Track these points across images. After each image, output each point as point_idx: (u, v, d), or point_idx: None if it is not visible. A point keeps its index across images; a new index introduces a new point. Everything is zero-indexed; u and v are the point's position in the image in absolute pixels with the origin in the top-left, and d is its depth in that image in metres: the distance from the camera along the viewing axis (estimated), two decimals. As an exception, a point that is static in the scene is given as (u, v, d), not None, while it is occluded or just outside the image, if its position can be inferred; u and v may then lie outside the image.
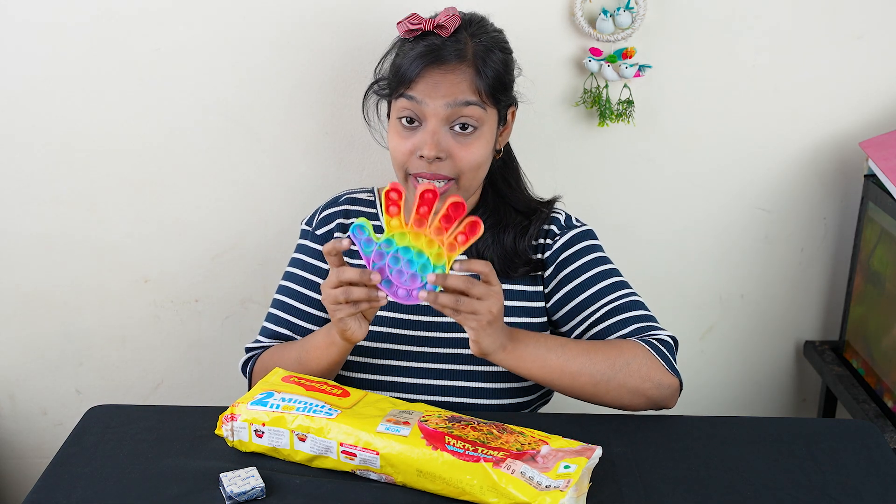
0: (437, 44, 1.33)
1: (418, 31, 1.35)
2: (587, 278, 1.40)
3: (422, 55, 1.32)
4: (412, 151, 1.34)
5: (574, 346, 1.31)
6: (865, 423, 1.32)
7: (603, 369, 1.29)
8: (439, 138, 1.33)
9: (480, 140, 1.35)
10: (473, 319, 1.20)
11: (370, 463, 1.16)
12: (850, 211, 1.85)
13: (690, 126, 1.78)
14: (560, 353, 1.29)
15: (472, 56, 1.34)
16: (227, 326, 1.89)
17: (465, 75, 1.33)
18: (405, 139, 1.35)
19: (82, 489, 1.17)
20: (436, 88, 1.32)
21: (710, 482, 1.18)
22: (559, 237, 1.43)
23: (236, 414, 1.21)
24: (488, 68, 1.34)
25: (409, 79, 1.32)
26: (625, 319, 1.37)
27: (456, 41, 1.33)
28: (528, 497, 1.08)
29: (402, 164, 1.36)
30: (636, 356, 1.31)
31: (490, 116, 1.36)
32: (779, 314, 1.94)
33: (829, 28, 1.72)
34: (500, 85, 1.36)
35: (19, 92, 1.70)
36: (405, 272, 1.20)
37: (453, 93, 1.32)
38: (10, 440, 1.97)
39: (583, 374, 1.29)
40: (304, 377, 1.28)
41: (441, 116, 1.32)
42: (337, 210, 1.49)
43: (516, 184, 1.49)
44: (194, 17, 1.66)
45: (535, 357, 1.28)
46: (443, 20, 1.34)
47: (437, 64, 1.32)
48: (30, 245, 1.80)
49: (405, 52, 1.35)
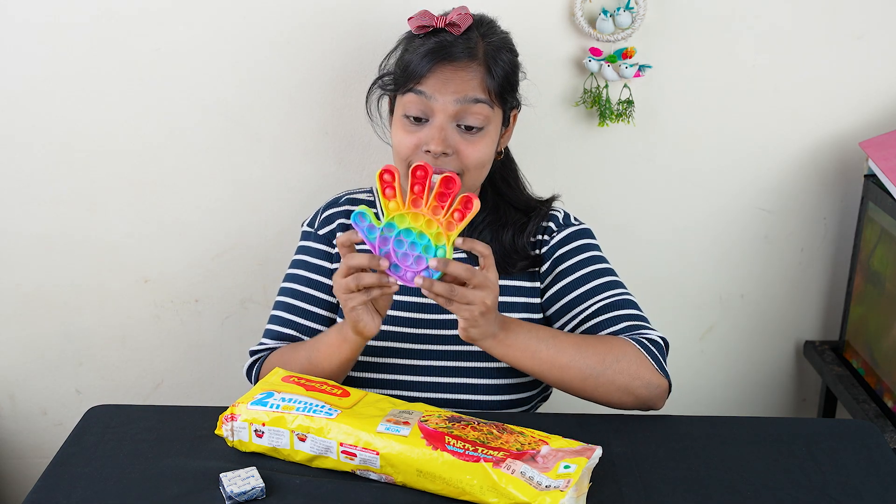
0: (449, 40, 1.33)
1: (430, 28, 1.35)
2: (581, 275, 1.41)
3: (433, 51, 1.32)
4: (417, 146, 1.34)
5: (565, 338, 1.31)
6: (865, 423, 1.32)
7: (593, 364, 1.29)
8: (446, 134, 1.33)
9: (486, 138, 1.36)
10: (466, 310, 1.20)
11: (370, 463, 1.16)
12: (850, 211, 1.85)
13: (690, 126, 1.78)
14: (551, 345, 1.29)
15: (483, 55, 1.34)
16: (227, 326, 1.89)
17: (476, 73, 1.33)
18: (411, 133, 1.35)
19: (82, 489, 1.17)
20: (446, 84, 1.32)
21: (710, 482, 1.18)
22: (556, 234, 1.44)
23: (236, 414, 1.21)
24: (498, 67, 1.35)
25: (419, 74, 1.33)
26: (615, 317, 1.37)
27: (467, 39, 1.34)
28: (528, 497, 1.08)
29: (405, 157, 1.36)
30: (626, 354, 1.31)
31: (496, 116, 1.37)
32: (779, 314, 1.94)
33: (829, 28, 1.72)
34: (508, 85, 1.37)
35: (19, 92, 1.70)
36: (410, 255, 1.21)
37: (463, 89, 1.32)
38: (10, 440, 1.97)
39: (572, 368, 1.29)
40: (304, 377, 1.28)
41: (449, 112, 1.33)
42: (338, 210, 1.50)
43: (515, 183, 1.50)
44: (194, 18, 1.66)
45: (525, 347, 1.28)
46: (455, 18, 1.34)
47: (449, 60, 1.32)
48: (30, 245, 1.80)
49: (415, 47, 1.35)
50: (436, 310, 1.41)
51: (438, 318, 1.41)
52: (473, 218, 1.38)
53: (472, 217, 1.18)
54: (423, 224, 1.20)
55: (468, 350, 1.40)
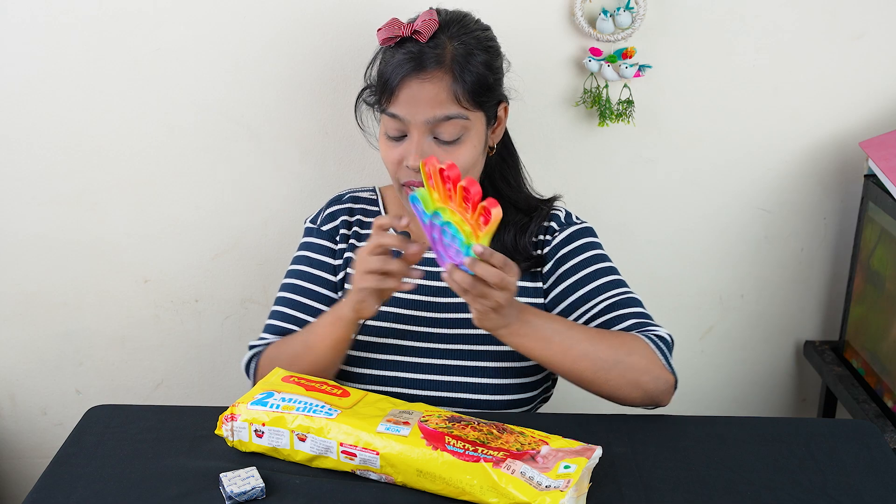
0: (415, 51, 1.32)
1: (397, 38, 1.34)
2: (585, 275, 1.41)
3: (400, 64, 1.32)
4: (400, 161, 1.36)
5: (580, 329, 1.32)
6: (865, 423, 1.32)
7: (605, 356, 1.29)
8: (423, 148, 1.33)
9: (466, 145, 1.35)
10: (479, 303, 1.20)
11: (370, 463, 1.16)
12: (850, 211, 1.85)
13: (690, 126, 1.78)
14: (564, 336, 1.29)
15: (451, 61, 1.32)
16: (227, 326, 1.89)
17: (444, 82, 1.32)
18: (392, 148, 1.36)
19: (82, 489, 1.17)
20: (415, 103, 1.32)
21: (710, 482, 1.18)
22: (559, 233, 1.44)
23: (236, 414, 1.21)
24: (467, 73, 1.33)
25: (390, 90, 1.33)
26: (622, 315, 1.37)
27: (434, 46, 1.33)
28: (528, 497, 1.08)
29: (393, 173, 1.38)
30: (637, 348, 1.31)
31: (475, 120, 1.36)
32: (779, 314, 1.94)
33: (829, 28, 1.72)
34: (481, 88, 1.35)
35: (19, 92, 1.70)
36: (453, 246, 1.20)
37: (432, 108, 1.32)
38: (10, 440, 1.97)
39: (585, 359, 1.29)
40: (304, 377, 1.28)
41: (422, 131, 1.33)
42: (341, 208, 1.50)
43: (516, 182, 1.49)
44: (194, 18, 1.66)
45: (539, 336, 1.28)
46: (418, 26, 1.33)
47: (416, 72, 1.31)
48: (30, 245, 1.80)
49: (387, 59, 1.36)
50: (440, 308, 1.41)
51: (443, 318, 1.41)
52: None
53: (496, 226, 1.15)
54: (457, 220, 1.19)
55: (470, 349, 1.40)
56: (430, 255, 1.41)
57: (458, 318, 1.41)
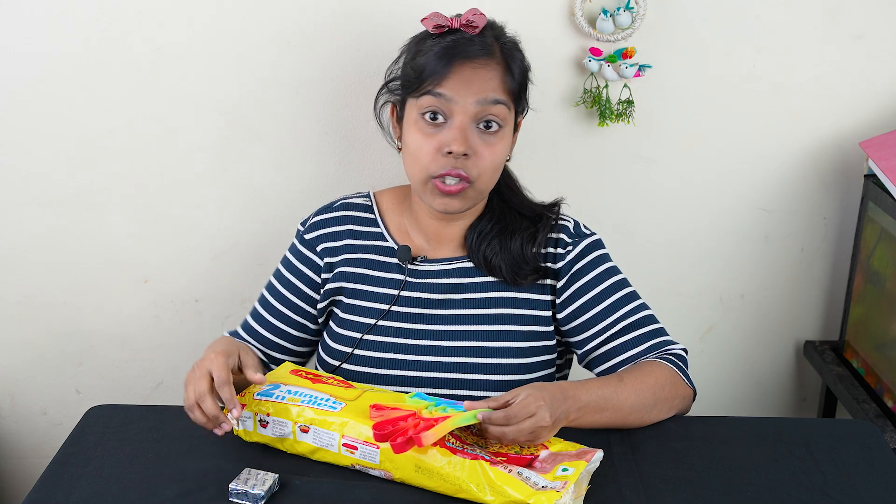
0: (466, 38, 1.33)
1: (446, 28, 1.35)
2: (600, 291, 1.41)
3: (450, 49, 1.31)
4: (438, 149, 1.32)
5: (619, 383, 1.30)
6: (865, 423, 1.32)
7: (646, 400, 1.31)
8: (468, 134, 1.32)
9: (503, 141, 1.36)
10: (525, 435, 1.17)
11: (370, 458, 1.16)
12: (850, 211, 1.85)
13: (690, 126, 1.78)
14: (614, 398, 1.28)
15: (501, 53, 1.35)
16: (227, 326, 1.89)
17: (496, 72, 1.33)
18: (430, 136, 1.33)
19: (82, 489, 1.17)
20: (466, 85, 1.31)
21: (710, 482, 1.19)
22: (571, 247, 1.43)
23: (243, 403, 1.23)
24: (516, 68, 1.36)
25: (438, 74, 1.31)
26: (641, 336, 1.39)
27: (483, 38, 1.34)
28: (524, 495, 1.08)
29: (425, 165, 1.34)
30: (667, 379, 1.33)
31: (511, 118, 1.37)
32: (779, 314, 1.94)
33: (829, 28, 1.72)
34: (523, 87, 1.38)
35: (20, 92, 1.70)
36: None
37: (484, 90, 1.32)
38: (10, 440, 1.97)
39: (635, 413, 1.30)
40: (311, 371, 1.30)
41: (470, 113, 1.32)
42: (329, 217, 1.48)
43: (517, 189, 1.49)
44: (195, 18, 1.66)
45: (593, 409, 1.27)
46: (471, 18, 1.34)
47: (468, 58, 1.32)
48: (30, 245, 1.80)
49: (427, 48, 1.34)
50: (434, 304, 1.41)
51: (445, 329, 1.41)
52: (482, 226, 1.42)
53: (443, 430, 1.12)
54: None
55: (472, 346, 1.39)
56: (429, 266, 1.41)
57: (458, 331, 1.41)
